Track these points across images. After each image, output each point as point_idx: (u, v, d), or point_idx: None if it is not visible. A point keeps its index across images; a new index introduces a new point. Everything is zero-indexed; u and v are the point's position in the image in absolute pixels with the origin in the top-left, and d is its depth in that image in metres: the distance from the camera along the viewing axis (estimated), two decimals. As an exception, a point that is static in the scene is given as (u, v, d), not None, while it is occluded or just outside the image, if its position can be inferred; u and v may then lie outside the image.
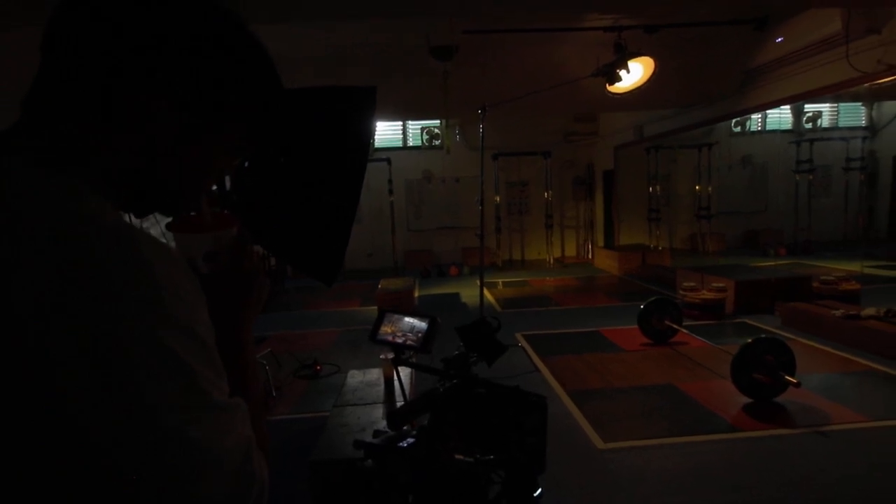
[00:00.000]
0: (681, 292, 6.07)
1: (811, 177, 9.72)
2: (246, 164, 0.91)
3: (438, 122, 10.53)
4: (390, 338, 1.32)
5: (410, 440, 0.87)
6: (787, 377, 3.24)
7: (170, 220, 0.68)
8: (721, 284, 5.90)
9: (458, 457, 0.85)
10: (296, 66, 5.69)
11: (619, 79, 5.19)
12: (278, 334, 5.59)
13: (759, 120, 10.42)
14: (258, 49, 0.55)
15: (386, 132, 10.85)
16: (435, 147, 10.87)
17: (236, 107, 0.53)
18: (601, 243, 10.65)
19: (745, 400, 3.39)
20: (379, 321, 1.38)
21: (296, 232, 0.85)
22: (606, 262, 9.79)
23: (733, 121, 9.52)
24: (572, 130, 10.76)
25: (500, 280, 8.93)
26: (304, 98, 0.90)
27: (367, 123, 0.88)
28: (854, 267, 6.43)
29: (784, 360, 3.32)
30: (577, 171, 11.20)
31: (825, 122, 10.33)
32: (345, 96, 0.88)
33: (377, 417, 2.56)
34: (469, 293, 7.64)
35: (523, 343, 4.96)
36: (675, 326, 4.72)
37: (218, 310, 0.62)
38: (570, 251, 11.44)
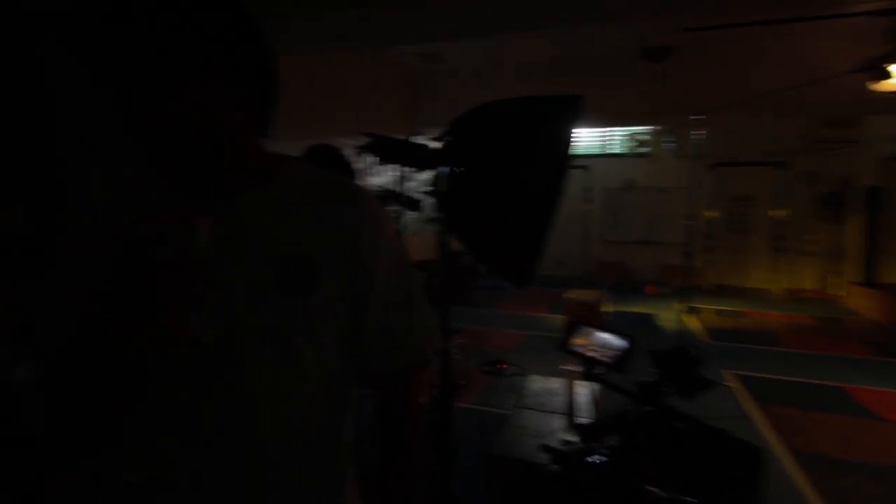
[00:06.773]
0: (977, 353, 4.53)
1: None
2: (456, 169, 0.99)
3: (646, 128, 9.82)
4: (581, 350, 1.30)
5: (600, 458, 0.86)
6: None
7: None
8: None
9: (650, 488, 0.80)
10: (506, 75, 5.96)
11: (888, 75, 4.15)
12: (469, 328, 5.94)
13: None
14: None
15: (588, 138, 10.57)
16: (639, 154, 10.17)
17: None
18: (856, 278, 8.54)
19: None
20: (570, 331, 1.37)
21: (494, 235, 0.89)
22: (862, 303, 7.83)
23: None
24: (821, 137, 8.87)
25: (707, 306, 7.92)
26: (509, 107, 0.94)
27: (569, 132, 0.87)
28: None
29: None
30: (823, 186, 9.20)
31: None
32: (550, 106, 0.89)
33: (555, 427, 2.54)
34: (667, 316, 6.97)
35: (732, 383, 4.32)
36: (962, 396, 3.55)
37: None
38: (806, 283, 9.42)
